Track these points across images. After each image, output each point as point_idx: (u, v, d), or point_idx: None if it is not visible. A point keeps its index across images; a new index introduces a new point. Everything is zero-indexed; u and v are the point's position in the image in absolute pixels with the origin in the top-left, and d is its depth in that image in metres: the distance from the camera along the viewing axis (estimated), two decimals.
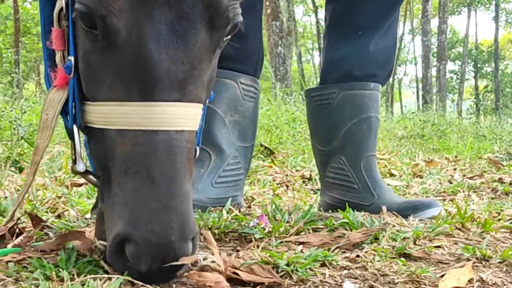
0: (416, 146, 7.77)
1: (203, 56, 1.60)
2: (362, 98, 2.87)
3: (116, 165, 1.55)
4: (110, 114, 1.56)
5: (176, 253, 1.51)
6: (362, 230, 2.22)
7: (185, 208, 1.53)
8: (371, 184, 2.86)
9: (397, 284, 1.79)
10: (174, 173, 1.52)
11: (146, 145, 1.51)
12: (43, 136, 1.73)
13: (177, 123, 1.54)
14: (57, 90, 1.71)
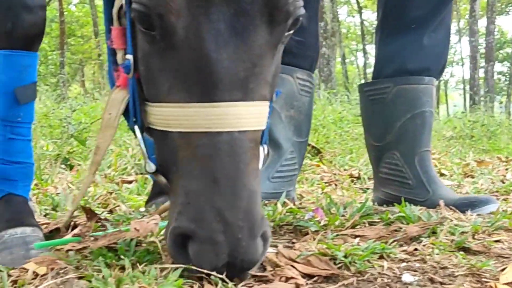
0: (466, 147, 7.66)
1: (264, 53, 1.56)
2: (416, 93, 2.83)
3: (179, 167, 1.54)
4: (170, 116, 1.54)
5: (245, 251, 1.48)
6: (419, 223, 2.19)
7: (251, 206, 1.50)
8: (426, 180, 2.82)
9: (457, 277, 1.76)
10: (238, 173, 1.50)
11: (209, 147, 1.49)
12: (104, 136, 1.74)
13: (239, 124, 1.52)
14: (119, 89, 1.71)
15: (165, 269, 1.68)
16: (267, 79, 1.60)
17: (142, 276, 1.58)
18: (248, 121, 1.54)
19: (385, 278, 1.74)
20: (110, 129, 1.73)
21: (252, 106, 1.55)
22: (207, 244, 1.46)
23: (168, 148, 1.58)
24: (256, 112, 1.57)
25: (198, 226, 1.46)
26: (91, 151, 5.37)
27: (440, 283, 1.72)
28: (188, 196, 1.50)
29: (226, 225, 1.46)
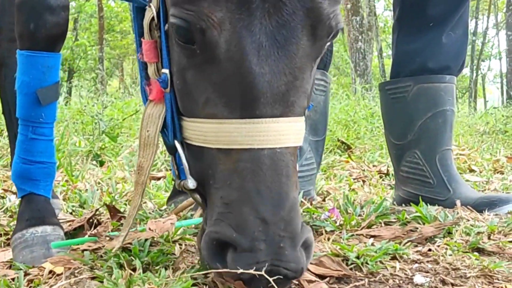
0: (498, 142, 7.57)
1: (305, 66, 1.54)
2: (437, 91, 2.83)
3: (218, 180, 1.53)
4: (209, 132, 1.52)
5: (287, 260, 1.47)
6: (435, 224, 2.19)
7: (292, 217, 1.49)
8: (447, 179, 2.81)
9: (469, 278, 1.76)
10: (280, 185, 1.48)
11: (251, 162, 1.48)
12: (146, 154, 1.71)
13: (281, 140, 1.50)
14: (154, 104, 1.68)
15: (178, 270, 1.72)
16: (306, 93, 1.58)
17: (153, 277, 1.60)
18: (289, 137, 1.52)
19: (397, 279, 1.75)
20: (150, 147, 1.69)
21: (293, 121, 1.53)
22: (248, 251, 1.44)
23: (205, 162, 1.56)
24: (296, 128, 1.55)
25: (239, 234, 1.45)
26: (123, 147, 5.44)
27: (451, 285, 1.73)
28: (229, 206, 1.49)
29: (268, 234, 1.45)
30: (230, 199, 1.48)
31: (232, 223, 1.46)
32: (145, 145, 1.70)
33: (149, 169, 1.71)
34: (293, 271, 1.48)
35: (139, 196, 1.75)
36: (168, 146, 1.71)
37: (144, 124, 1.69)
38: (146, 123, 1.68)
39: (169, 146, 1.69)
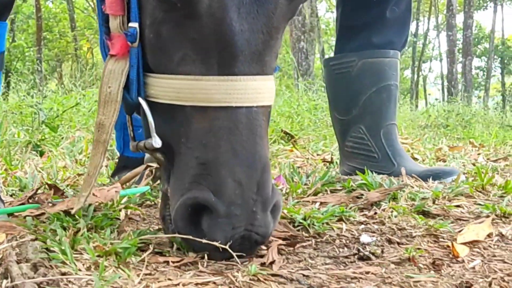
0: (440, 135, 7.69)
1: (280, 26, 1.52)
2: (381, 66, 2.84)
3: (192, 139, 1.48)
4: (184, 89, 1.48)
5: (259, 225, 1.46)
6: (380, 190, 2.20)
7: (265, 179, 1.47)
8: (391, 153, 2.83)
9: (414, 237, 1.77)
10: (255, 146, 1.46)
11: (228, 121, 1.45)
12: (107, 112, 1.62)
13: (258, 98, 1.48)
14: (116, 60, 1.60)
15: (123, 233, 1.69)
16: (277, 53, 1.57)
17: (98, 237, 1.57)
18: (265, 96, 1.50)
19: (343, 239, 1.75)
20: (112, 103, 1.60)
21: (268, 80, 1.52)
22: (226, 217, 1.42)
23: (176, 121, 1.51)
24: (271, 86, 1.53)
25: (218, 198, 1.42)
26: (63, 138, 5.35)
27: (397, 244, 1.73)
28: (206, 167, 1.45)
29: (243, 198, 1.43)
30: (206, 159, 1.45)
31: (211, 186, 1.44)
32: (106, 102, 1.61)
33: (111, 127, 1.63)
34: (262, 236, 1.47)
35: (101, 155, 1.65)
36: (128, 104, 1.62)
37: (105, 81, 1.60)
38: (107, 79, 1.60)
39: (129, 104, 1.62)
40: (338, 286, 1.40)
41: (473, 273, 1.50)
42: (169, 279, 1.38)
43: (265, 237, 1.49)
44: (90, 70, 10.73)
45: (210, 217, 1.44)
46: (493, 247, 1.73)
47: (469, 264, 1.57)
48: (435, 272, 1.50)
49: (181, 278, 1.38)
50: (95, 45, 27.90)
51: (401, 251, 1.63)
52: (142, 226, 1.87)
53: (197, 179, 1.45)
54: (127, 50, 1.58)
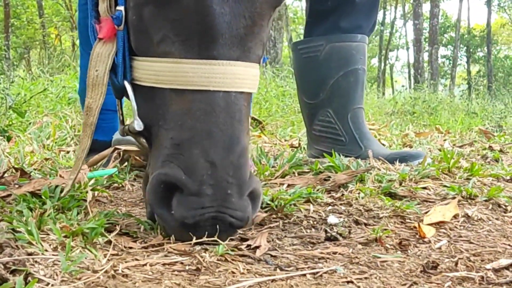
0: (407, 122, 7.74)
1: (264, 13, 1.51)
2: (349, 50, 2.85)
3: (168, 121, 1.48)
4: (163, 71, 1.47)
5: (235, 207, 1.44)
6: (347, 172, 2.20)
7: (242, 163, 1.46)
8: (358, 136, 2.84)
9: (381, 218, 1.78)
10: (232, 129, 1.45)
11: (205, 104, 1.44)
12: (94, 95, 1.62)
13: (237, 84, 1.46)
14: (104, 43, 1.60)
15: (89, 214, 1.67)
16: (263, 41, 1.55)
17: (64, 218, 1.56)
18: (245, 82, 1.48)
19: (311, 220, 1.76)
20: (99, 86, 1.60)
21: (250, 67, 1.50)
22: (194, 196, 1.41)
23: (156, 104, 1.50)
24: (252, 73, 1.52)
25: (187, 176, 1.41)
26: (30, 124, 5.30)
27: (364, 224, 1.74)
28: (179, 147, 1.45)
29: (216, 179, 1.42)
30: (180, 140, 1.45)
31: (181, 165, 1.43)
32: (94, 85, 1.61)
33: (98, 110, 1.62)
34: (239, 220, 1.46)
35: (88, 138, 1.66)
36: (115, 88, 1.62)
37: (92, 64, 1.60)
38: (94, 62, 1.60)
39: (116, 88, 1.61)
40: (306, 266, 1.40)
41: (439, 253, 1.52)
42: (136, 259, 1.37)
43: (243, 220, 1.47)
44: (58, 57, 10.63)
45: (180, 195, 1.43)
46: (459, 228, 1.74)
47: (436, 244, 1.59)
48: (402, 252, 1.52)
49: (148, 259, 1.38)
50: (63, 33, 27.62)
51: (368, 232, 1.65)
52: (109, 207, 1.87)
53: (169, 158, 1.45)
54: (114, 33, 1.58)
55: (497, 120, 7.83)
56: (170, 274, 1.30)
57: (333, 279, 1.32)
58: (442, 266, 1.40)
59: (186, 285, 1.23)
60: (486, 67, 32.87)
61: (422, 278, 1.34)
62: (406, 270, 1.39)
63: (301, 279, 1.31)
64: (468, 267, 1.40)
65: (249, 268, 1.36)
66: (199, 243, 1.45)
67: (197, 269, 1.33)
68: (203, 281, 1.26)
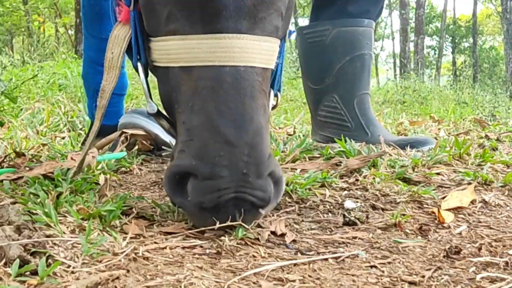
0: (398, 111, 7.75)
1: None
2: (355, 35, 2.82)
3: (180, 103, 1.43)
4: (172, 50, 1.42)
5: (253, 187, 1.38)
6: (359, 157, 2.18)
7: (257, 142, 1.39)
8: (365, 122, 2.82)
9: (398, 203, 1.76)
10: (243, 107, 1.38)
11: (211, 80, 1.38)
12: (109, 78, 1.58)
13: (246, 58, 1.40)
14: (122, 25, 1.56)
15: (104, 197, 1.65)
16: (279, 11, 1.47)
17: (81, 200, 1.53)
18: (255, 57, 1.42)
19: (327, 205, 1.73)
20: (113, 69, 1.57)
21: (262, 40, 1.43)
22: (209, 180, 1.35)
23: (170, 86, 1.46)
24: (265, 47, 1.44)
25: (200, 161, 1.36)
26: (22, 109, 5.26)
27: (382, 209, 1.72)
28: (190, 132, 1.40)
29: (230, 159, 1.36)
30: (190, 124, 1.40)
31: (192, 151, 1.38)
32: (109, 68, 1.57)
33: (110, 93, 1.58)
34: (260, 199, 1.40)
35: (99, 120, 1.62)
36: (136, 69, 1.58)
37: (109, 46, 1.56)
38: (111, 45, 1.56)
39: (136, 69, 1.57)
40: (326, 250, 1.38)
41: (460, 239, 1.50)
42: (155, 243, 1.35)
43: (264, 200, 1.42)
44: (44, 44, 10.58)
45: (194, 181, 1.38)
46: (477, 214, 1.73)
47: (455, 230, 1.57)
48: (422, 238, 1.50)
49: (167, 242, 1.36)
50: (47, 20, 27.48)
51: (386, 217, 1.62)
52: (121, 191, 1.84)
53: (183, 147, 1.41)
54: (129, 15, 1.54)
55: (490, 109, 7.85)
56: (191, 257, 1.28)
57: (356, 264, 1.30)
58: (464, 251, 1.38)
59: (208, 268, 1.21)
60: (472, 57, 33.00)
61: (446, 263, 1.32)
62: (428, 255, 1.37)
63: (323, 264, 1.29)
64: (492, 253, 1.38)
65: (270, 252, 1.34)
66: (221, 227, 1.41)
67: (217, 253, 1.31)
68: (225, 265, 1.24)
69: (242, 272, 1.20)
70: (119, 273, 1.12)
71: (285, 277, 1.18)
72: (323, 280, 1.19)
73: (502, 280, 1.21)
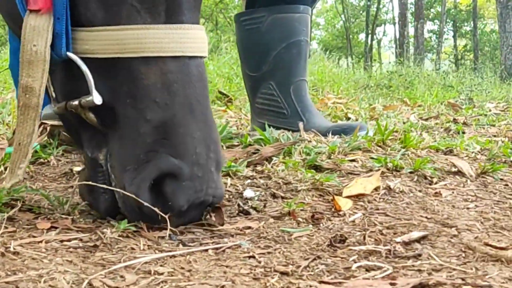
0: (381, 96, 7.71)
1: None
2: (291, 22, 2.80)
3: (140, 99, 1.37)
4: (131, 39, 1.35)
5: (216, 185, 1.41)
6: (275, 145, 2.16)
7: (217, 136, 1.42)
8: (301, 109, 2.80)
9: (299, 191, 1.75)
10: (206, 100, 1.41)
11: (181, 73, 1.37)
12: (34, 73, 1.45)
13: (203, 48, 1.42)
14: (39, 15, 1.44)
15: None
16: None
17: None
18: (205, 46, 1.44)
19: (227, 194, 1.72)
20: (40, 63, 1.43)
21: (203, 30, 1.45)
22: (189, 180, 1.35)
23: (119, 79, 1.39)
24: (205, 37, 1.46)
25: (181, 161, 1.35)
26: None
27: (281, 198, 1.71)
28: (161, 130, 1.36)
29: (203, 158, 1.37)
30: (160, 121, 1.36)
31: (170, 150, 1.36)
32: (31, 63, 1.44)
33: (42, 89, 1.46)
34: (219, 198, 1.44)
35: (33, 121, 1.48)
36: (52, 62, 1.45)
37: (28, 39, 1.43)
38: (30, 37, 1.43)
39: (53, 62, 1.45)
40: (211, 241, 1.37)
41: (352, 227, 1.49)
42: (33, 236, 1.34)
43: (221, 198, 1.46)
44: None
45: (174, 182, 1.36)
46: (378, 200, 1.72)
47: (350, 217, 1.56)
48: (314, 226, 1.49)
49: (45, 236, 1.34)
50: None
51: (283, 205, 1.61)
52: (28, 183, 1.82)
53: (154, 147, 1.36)
54: (51, 3, 1.43)
55: (467, 93, 7.80)
56: (65, 251, 1.26)
57: (235, 255, 1.29)
58: (351, 239, 1.38)
59: (77, 262, 1.19)
60: (473, 41, 32.84)
61: (328, 252, 1.31)
62: (313, 244, 1.36)
63: (201, 255, 1.28)
64: (377, 241, 1.38)
65: (150, 244, 1.32)
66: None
67: (94, 246, 1.29)
68: (98, 258, 1.23)
69: (113, 265, 1.18)
70: None
71: (154, 270, 1.16)
72: (193, 272, 1.17)
73: (378, 269, 1.20)
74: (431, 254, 1.27)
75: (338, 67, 11.56)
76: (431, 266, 1.21)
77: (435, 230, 1.45)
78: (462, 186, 1.91)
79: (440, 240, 1.38)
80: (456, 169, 2.04)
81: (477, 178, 2.00)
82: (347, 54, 35.58)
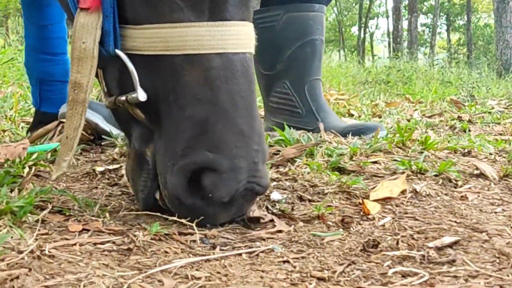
0: (381, 91, 7.71)
1: None
2: (306, 20, 2.80)
3: (182, 95, 1.40)
4: (173, 37, 1.39)
5: (261, 175, 1.42)
6: (296, 146, 2.16)
7: (262, 129, 1.45)
8: (315, 109, 2.80)
9: (326, 194, 1.74)
10: (252, 95, 1.43)
11: (224, 69, 1.39)
12: (82, 69, 1.48)
13: (249, 44, 1.44)
14: (88, 13, 1.47)
15: (24, 190, 1.62)
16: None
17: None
18: (252, 43, 1.46)
19: None
20: (88, 60, 1.47)
21: (251, 26, 1.47)
22: (229, 172, 1.37)
23: (163, 75, 1.42)
24: (253, 34, 1.49)
25: (218, 155, 1.37)
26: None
27: (309, 201, 1.71)
28: (201, 126, 1.39)
29: (247, 150, 1.39)
30: (200, 117, 1.39)
31: (207, 146, 1.38)
32: (80, 59, 1.47)
33: (90, 85, 1.50)
34: (264, 187, 1.45)
35: (80, 116, 1.51)
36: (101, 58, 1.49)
37: (78, 36, 1.47)
38: (80, 34, 1.47)
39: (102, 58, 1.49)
40: (243, 245, 1.37)
41: (382, 231, 1.49)
42: (66, 239, 1.33)
43: (267, 187, 1.47)
44: None
45: (213, 175, 1.38)
46: (405, 204, 1.71)
47: (379, 221, 1.55)
48: (344, 230, 1.49)
49: (78, 238, 1.33)
50: None
51: (311, 209, 1.60)
52: (50, 183, 1.81)
53: (192, 143, 1.40)
54: (99, 2, 1.46)
55: (469, 89, 7.80)
56: (100, 254, 1.25)
57: (269, 259, 1.29)
58: (383, 244, 1.37)
59: (114, 266, 1.19)
60: (466, 35, 32.86)
61: (362, 257, 1.31)
62: (345, 249, 1.36)
63: (236, 259, 1.28)
64: (410, 246, 1.37)
65: (183, 248, 1.32)
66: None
67: (128, 249, 1.28)
68: (133, 262, 1.22)
69: (149, 269, 1.18)
70: (20, 272, 1.09)
71: (191, 274, 1.16)
72: (230, 276, 1.17)
73: (415, 275, 1.20)
74: (465, 260, 1.26)
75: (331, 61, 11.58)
76: (467, 273, 1.20)
77: (466, 235, 1.44)
78: (487, 190, 1.90)
79: (472, 245, 1.37)
80: (479, 171, 2.04)
81: (500, 181, 2.00)
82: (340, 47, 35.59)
